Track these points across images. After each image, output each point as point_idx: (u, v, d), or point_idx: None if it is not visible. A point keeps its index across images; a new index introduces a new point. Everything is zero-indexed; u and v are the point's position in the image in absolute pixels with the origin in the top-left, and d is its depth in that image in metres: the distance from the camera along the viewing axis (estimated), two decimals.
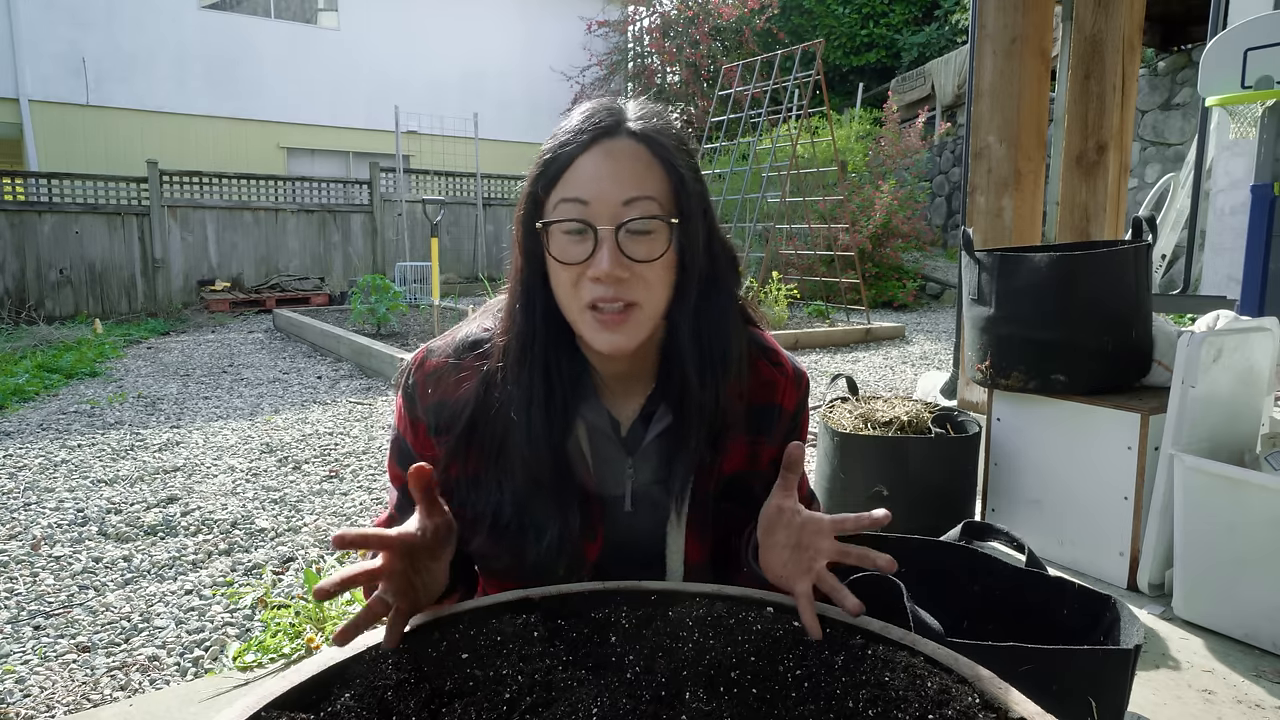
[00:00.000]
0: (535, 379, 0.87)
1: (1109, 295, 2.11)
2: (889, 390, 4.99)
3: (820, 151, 9.43)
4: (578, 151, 0.83)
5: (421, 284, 9.10)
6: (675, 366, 0.90)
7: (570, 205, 0.83)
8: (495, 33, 13.79)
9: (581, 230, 0.82)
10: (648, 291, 0.84)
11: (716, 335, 0.90)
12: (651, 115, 0.88)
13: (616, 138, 0.84)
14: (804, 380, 1.01)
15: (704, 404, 0.90)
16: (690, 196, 0.86)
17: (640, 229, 0.83)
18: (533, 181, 0.86)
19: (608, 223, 0.82)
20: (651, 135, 0.85)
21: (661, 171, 0.85)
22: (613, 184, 0.82)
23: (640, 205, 0.82)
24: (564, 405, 0.89)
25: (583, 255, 0.82)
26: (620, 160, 0.83)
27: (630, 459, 0.94)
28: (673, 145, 0.87)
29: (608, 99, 0.89)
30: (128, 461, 3.52)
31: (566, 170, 0.84)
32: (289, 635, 1.96)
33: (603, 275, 0.81)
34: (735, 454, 0.96)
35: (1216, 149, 4.85)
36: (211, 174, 9.64)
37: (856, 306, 8.05)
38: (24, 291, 8.54)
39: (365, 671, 0.69)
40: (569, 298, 0.85)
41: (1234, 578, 1.80)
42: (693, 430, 0.90)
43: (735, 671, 0.71)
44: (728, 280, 0.92)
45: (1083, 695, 0.98)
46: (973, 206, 3.17)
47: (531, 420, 0.87)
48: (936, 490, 2.25)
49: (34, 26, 10.46)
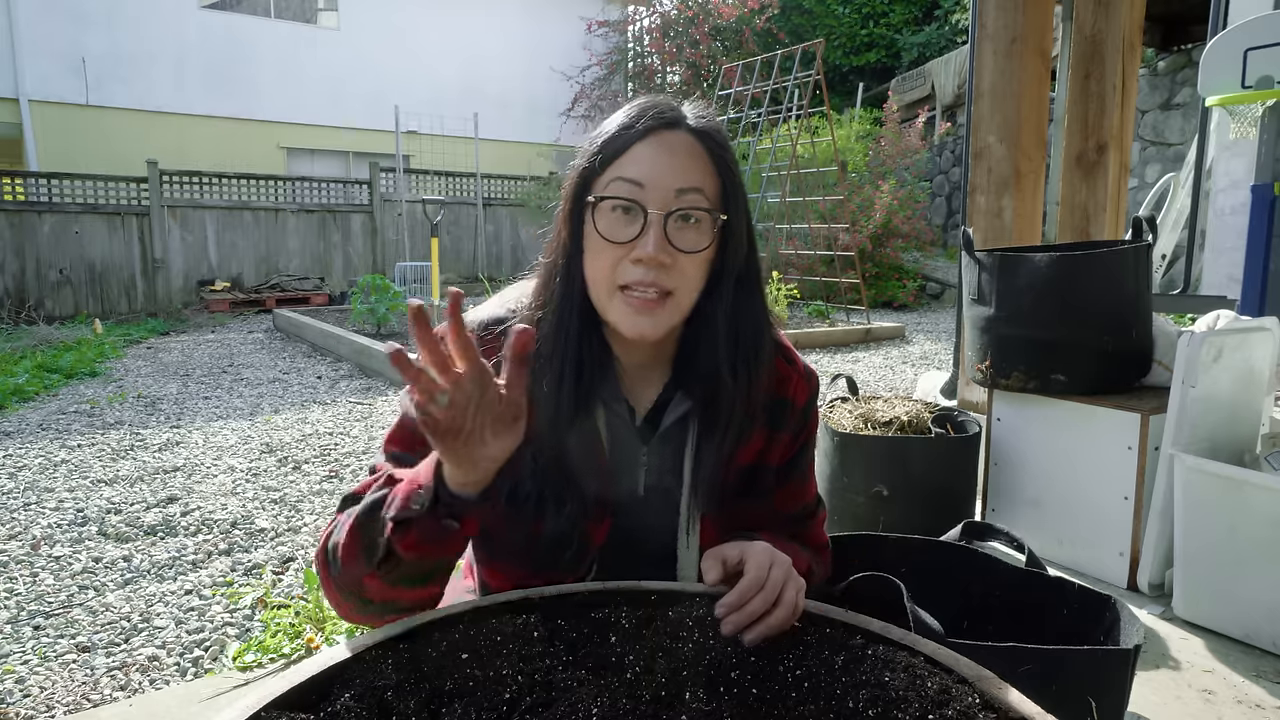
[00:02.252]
0: (569, 352, 0.89)
1: (1109, 295, 2.11)
2: (889, 390, 4.99)
3: (820, 151, 9.42)
4: (637, 137, 0.86)
5: (421, 284, 9.09)
6: (700, 359, 0.92)
7: (625, 185, 0.85)
8: (495, 33, 13.78)
9: (631, 209, 0.85)
10: (684, 282, 0.86)
11: (752, 332, 0.93)
12: (708, 115, 0.91)
13: (676, 130, 0.87)
14: (814, 378, 1.03)
15: (736, 399, 0.92)
16: (737, 196, 0.90)
17: (689, 219, 0.85)
18: (589, 157, 0.88)
19: (659, 207, 0.84)
20: (709, 133, 0.89)
21: (714, 169, 0.88)
22: (668, 171, 0.85)
23: (692, 196, 0.85)
24: (590, 384, 0.90)
25: (629, 236, 0.85)
26: (677, 151, 0.86)
27: (644, 446, 0.95)
28: (726, 145, 0.90)
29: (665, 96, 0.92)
30: (128, 461, 3.52)
31: (625, 153, 0.86)
32: (289, 635, 1.96)
33: (647, 258, 0.83)
34: (751, 446, 0.97)
35: (1216, 149, 4.85)
36: (211, 174, 9.64)
37: (856, 306, 8.05)
38: (24, 291, 8.54)
39: (365, 671, 0.69)
40: (604, 277, 0.87)
41: (1234, 578, 1.80)
42: (724, 424, 0.92)
43: (735, 671, 0.71)
44: (759, 278, 0.95)
45: (1083, 695, 0.98)
46: (973, 206, 3.17)
47: (561, 395, 0.88)
48: (936, 490, 2.25)
49: (34, 26, 10.45)
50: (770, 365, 0.96)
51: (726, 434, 0.93)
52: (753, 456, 0.98)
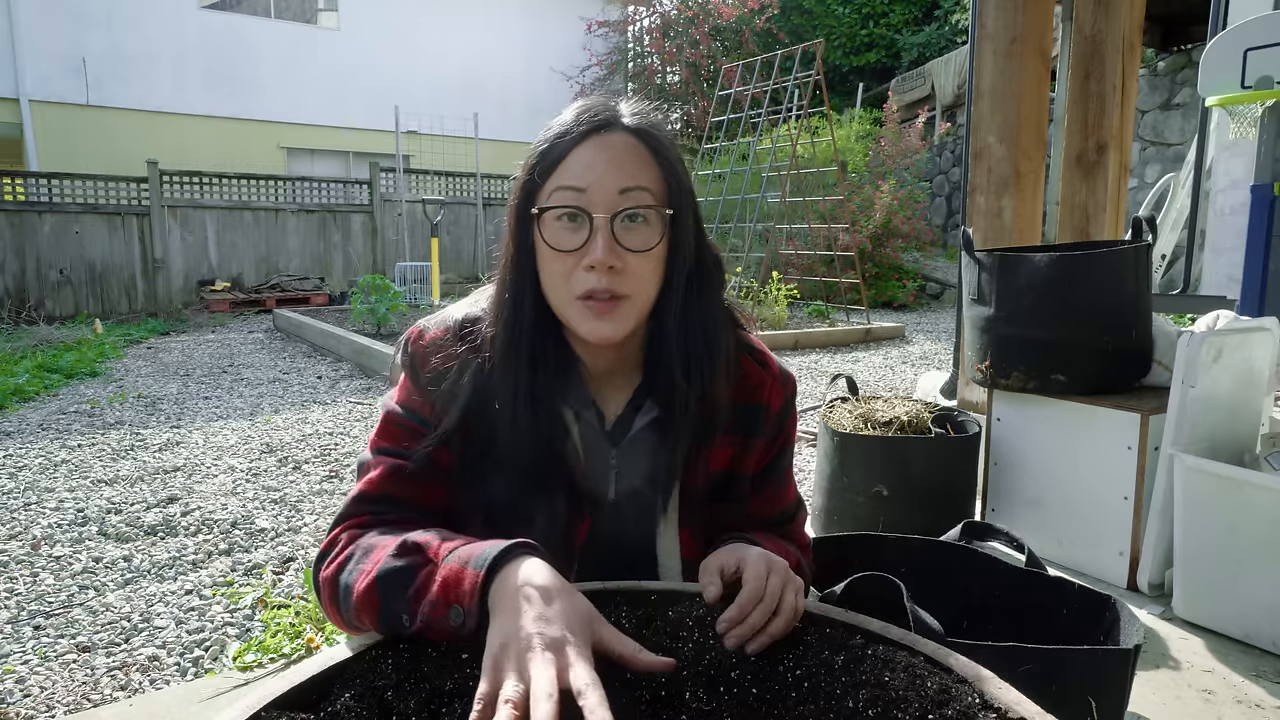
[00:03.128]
0: (521, 371, 0.88)
1: (1109, 295, 2.11)
2: (889, 390, 4.99)
3: (820, 151, 9.43)
4: (574, 142, 0.85)
5: (421, 284, 9.09)
6: (662, 361, 0.91)
7: (566, 193, 0.84)
8: (495, 33, 13.78)
9: (576, 217, 0.83)
10: (638, 284, 0.85)
11: (703, 332, 0.91)
12: (645, 111, 0.90)
13: (612, 131, 0.86)
14: (790, 382, 1.02)
15: (689, 400, 0.90)
16: (682, 192, 0.88)
17: (635, 218, 0.84)
18: (528, 170, 0.87)
19: (603, 211, 0.83)
20: (646, 130, 0.87)
21: (655, 165, 0.86)
22: (609, 173, 0.83)
23: (635, 195, 0.84)
24: (549, 397, 0.89)
25: (577, 243, 0.83)
26: (616, 151, 0.85)
27: (614, 450, 0.94)
28: (666, 141, 0.88)
29: (602, 96, 0.91)
30: (128, 461, 3.52)
31: (563, 160, 0.85)
32: (289, 635, 1.96)
33: (597, 263, 0.82)
34: (721, 452, 0.96)
35: (1216, 149, 4.85)
36: (211, 174, 9.64)
37: (856, 306, 8.05)
38: (24, 291, 8.54)
39: (365, 671, 0.69)
40: (559, 288, 0.86)
41: (1234, 578, 1.80)
42: (678, 426, 0.91)
43: (735, 671, 0.71)
44: (713, 279, 0.93)
45: (1083, 695, 0.98)
46: (973, 206, 3.17)
47: (517, 413, 0.87)
48: (936, 490, 2.25)
49: (34, 26, 10.45)
50: (733, 366, 0.94)
51: (680, 436, 0.91)
52: (725, 463, 0.97)
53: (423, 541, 0.78)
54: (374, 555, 0.79)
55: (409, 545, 0.78)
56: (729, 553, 0.83)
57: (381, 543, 0.81)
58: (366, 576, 0.77)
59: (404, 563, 0.76)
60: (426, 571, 0.75)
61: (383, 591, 0.76)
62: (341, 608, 0.81)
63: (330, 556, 0.85)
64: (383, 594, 0.76)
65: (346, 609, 0.80)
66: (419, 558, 0.76)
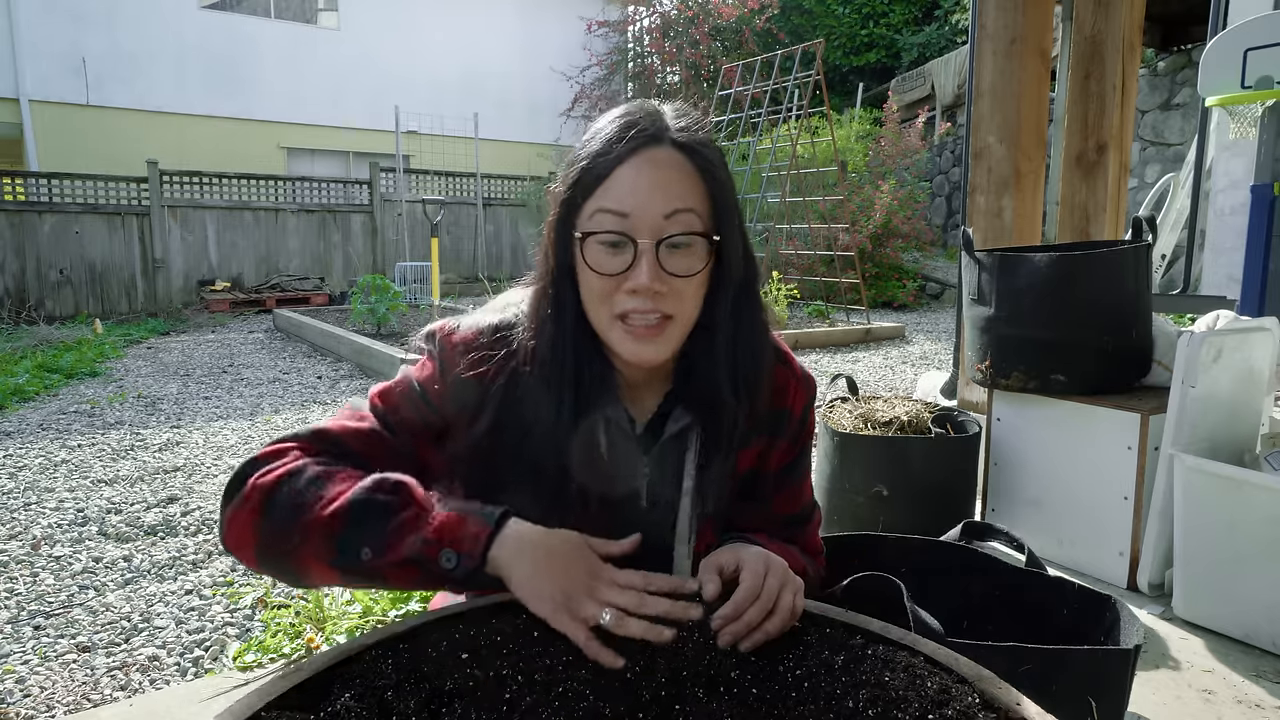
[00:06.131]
0: (566, 390, 0.86)
1: (1109, 295, 2.11)
2: (889, 390, 4.99)
3: (820, 151, 9.42)
4: (617, 161, 0.81)
5: (421, 284, 9.09)
6: (699, 371, 0.90)
7: (609, 217, 0.81)
8: (495, 33, 13.78)
9: (620, 243, 0.81)
10: (681, 305, 0.83)
11: (751, 349, 0.90)
12: (692, 123, 0.86)
13: (659, 147, 0.82)
14: (812, 383, 1.01)
15: (739, 417, 0.89)
16: (728, 209, 0.85)
17: (681, 244, 0.81)
18: (570, 187, 0.84)
19: (648, 236, 0.80)
20: (694, 146, 0.84)
21: (702, 184, 0.83)
22: (654, 196, 0.80)
23: (682, 219, 0.81)
24: (590, 399, 0.88)
25: (620, 267, 0.81)
26: (662, 171, 0.81)
27: (645, 457, 0.93)
28: (715, 158, 0.85)
29: (647, 104, 0.87)
30: (128, 461, 3.52)
31: (606, 179, 0.82)
32: (289, 635, 1.96)
33: (641, 289, 0.80)
34: (750, 452, 0.97)
35: (1216, 149, 4.85)
36: (211, 174, 9.64)
37: (856, 306, 8.05)
38: (24, 291, 8.54)
39: (365, 671, 0.69)
40: (600, 307, 0.84)
41: (1234, 577, 1.80)
42: (725, 442, 0.90)
43: (735, 671, 0.71)
44: (756, 288, 0.91)
45: (1083, 695, 0.98)
46: (973, 206, 3.17)
47: (559, 427, 0.86)
48: (936, 490, 2.25)
49: (34, 26, 10.45)
50: (770, 377, 0.94)
51: (730, 451, 0.91)
52: (752, 462, 0.97)
53: (407, 483, 0.78)
54: (336, 484, 0.77)
55: (389, 484, 0.77)
56: (728, 552, 0.83)
57: (343, 473, 0.79)
58: (334, 502, 0.76)
59: (385, 498, 0.76)
60: (412, 512, 0.75)
61: (355, 518, 0.75)
62: (269, 520, 0.77)
63: (271, 465, 0.81)
64: (354, 520, 0.75)
65: (279, 523, 0.77)
66: (401, 497, 0.77)
